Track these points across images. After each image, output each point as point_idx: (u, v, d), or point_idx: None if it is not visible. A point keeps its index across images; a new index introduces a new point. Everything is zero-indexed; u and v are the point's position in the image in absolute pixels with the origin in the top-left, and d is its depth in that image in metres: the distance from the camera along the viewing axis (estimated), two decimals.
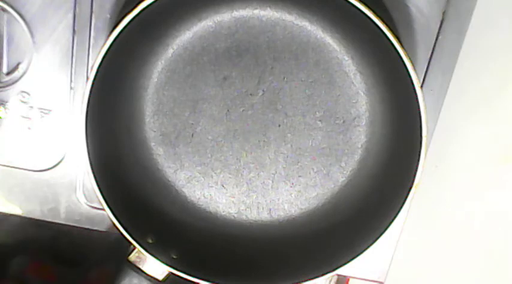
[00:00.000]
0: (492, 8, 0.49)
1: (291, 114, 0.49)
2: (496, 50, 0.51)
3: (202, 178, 0.51)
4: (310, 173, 0.50)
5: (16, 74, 0.50)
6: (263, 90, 0.49)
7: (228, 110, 0.49)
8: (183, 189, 0.51)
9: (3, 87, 0.50)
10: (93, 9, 0.48)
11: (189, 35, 0.49)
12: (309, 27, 0.48)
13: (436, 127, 0.49)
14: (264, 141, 0.50)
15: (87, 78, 0.42)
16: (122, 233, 0.44)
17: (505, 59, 0.51)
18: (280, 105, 0.49)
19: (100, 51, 0.41)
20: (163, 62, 0.49)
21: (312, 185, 0.50)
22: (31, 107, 0.51)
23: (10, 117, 0.51)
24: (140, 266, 0.47)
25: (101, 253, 0.62)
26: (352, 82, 0.48)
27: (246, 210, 0.51)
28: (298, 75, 0.49)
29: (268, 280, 0.46)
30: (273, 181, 0.51)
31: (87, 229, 0.54)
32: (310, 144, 0.50)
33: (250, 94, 0.49)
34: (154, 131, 0.50)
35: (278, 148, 0.50)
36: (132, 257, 0.47)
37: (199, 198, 0.51)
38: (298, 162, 0.50)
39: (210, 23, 0.48)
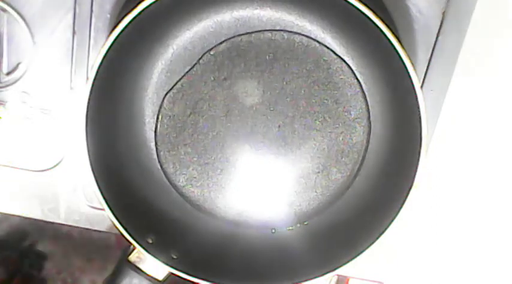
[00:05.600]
0: (492, 8, 0.49)
1: (291, 114, 0.49)
2: (496, 50, 0.51)
3: (202, 179, 0.51)
4: (310, 174, 0.50)
5: (16, 74, 0.50)
6: (263, 91, 0.49)
7: (228, 110, 0.49)
8: (183, 189, 0.51)
9: (3, 87, 0.50)
10: (93, 9, 0.48)
11: (189, 35, 0.49)
12: (309, 27, 0.48)
13: (436, 127, 0.49)
14: (264, 141, 0.50)
15: (87, 78, 0.42)
16: (122, 233, 0.44)
17: (505, 58, 0.51)
18: (280, 106, 0.49)
19: (100, 51, 0.41)
20: (163, 62, 0.49)
21: (311, 185, 0.50)
22: (31, 107, 0.51)
23: (10, 117, 0.51)
24: (140, 266, 0.47)
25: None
26: (352, 82, 0.48)
27: (246, 210, 0.51)
28: (298, 75, 0.49)
29: (268, 280, 0.46)
30: (273, 182, 0.51)
31: (87, 229, 0.54)
32: (310, 144, 0.50)
33: (250, 95, 0.49)
34: (154, 131, 0.50)
35: (278, 148, 0.50)
36: (132, 257, 0.47)
37: (199, 198, 0.51)
38: (298, 163, 0.50)
39: (210, 23, 0.48)
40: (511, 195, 0.55)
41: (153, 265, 0.46)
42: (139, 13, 0.40)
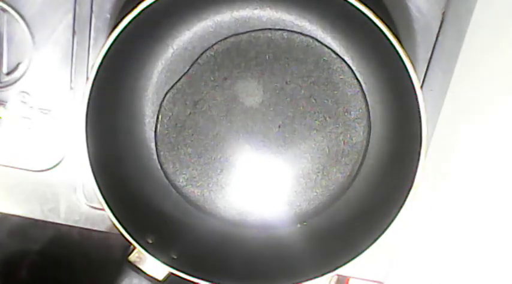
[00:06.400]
0: (492, 8, 0.49)
1: (291, 114, 0.49)
2: (496, 50, 0.51)
3: (202, 179, 0.51)
4: (310, 174, 0.50)
5: (16, 74, 0.50)
6: (263, 91, 0.49)
7: (228, 110, 0.50)
8: (183, 189, 0.51)
9: (3, 87, 0.50)
10: (93, 9, 0.48)
11: (189, 35, 0.49)
12: (309, 27, 0.48)
13: (436, 127, 0.49)
14: (264, 141, 0.50)
15: (87, 78, 0.42)
16: (122, 233, 0.44)
17: (505, 58, 0.51)
18: (280, 106, 0.49)
19: (100, 51, 0.41)
20: (163, 62, 0.49)
21: (311, 186, 0.50)
22: (31, 107, 0.51)
23: (10, 117, 0.51)
24: (140, 266, 0.47)
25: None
26: (352, 83, 0.48)
27: (246, 210, 0.51)
28: (298, 75, 0.49)
29: (268, 280, 0.46)
30: (273, 182, 0.51)
31: (87, 229, 0.54)
32: (310, 144, 0.50)
33: (250, 95, 0.49)
34: (154, 131, 0.50)
35: (278, 148, 0.50)
36: (132, 257, 0.47)
37: (199, 198, 0.51)
38: (298, 163, 0.50)
39: (210, 23, 0.48)
40: (511, 195, 0.55)
41: (153, 265, 0.46)
42: (139, 13, 0.40)
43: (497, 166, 0.54)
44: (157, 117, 0.50)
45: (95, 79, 0.41)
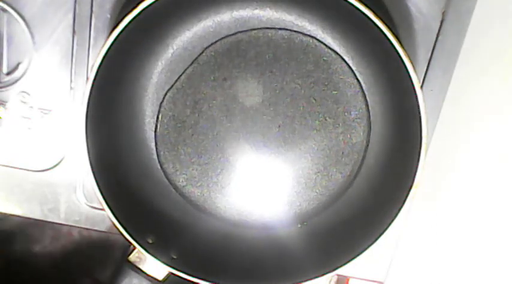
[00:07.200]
0: (492, 8, 0.49)
1: (291, 114, 0.49)
2: (496, 50, 0.51)
3: (202, 179, 0.51)
4: (310, 174, 0.50)
5: (16, 74, 0.50)
6: (263, 91, 0.49)
7: (228, 110, 0.50)
8: (183, 189, 0.51)
9: (3, 87, 0.50)
10: (93, 9, 0.48)
11: (189, 35, 0.49)
12: (309, 27, 0.48)
13: (436, 127, 0.49)
14: (264, 141, 0.50)
15: (87, 78, 0.42)
16: (122, 233, 0.44)
17: (505, 58, 0.52)
18: (280, 106, 0.49)
19: (100, 51, 0.41)
20: (163, 62, 0.49)
21: (311, 185, 0.50)
22: (31, 107, 0.51)
23: (10, 117, 0.51)
24: (140, 266, 0.47)
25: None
26: (352, 83, 0.48)
27: (245, 210, 0.51)
28: (298, 75, 0.49)
29: (268, 280, 0.46)
30: (273, 182, 0.51)
31: (87, 229, 0.54)
32: (310, 144, 0.50)
33: (250, 95, 0.49)
34: (154, 131, 0.50)
35: (278, 148, 0.50)
36: (132, 257, 0.47)
37: (199, 198, 0.51)
38: (298, 163, 0.50)
39: (210, 23, 0.48)
40: (511, 195, 0.55)
41: (153, 265, 0.46)
42: (139, 13, 0.40)
43: (497, 166, 0.54)
44: (157, 117, 0.50)
45: (95, 79, 0.41)
